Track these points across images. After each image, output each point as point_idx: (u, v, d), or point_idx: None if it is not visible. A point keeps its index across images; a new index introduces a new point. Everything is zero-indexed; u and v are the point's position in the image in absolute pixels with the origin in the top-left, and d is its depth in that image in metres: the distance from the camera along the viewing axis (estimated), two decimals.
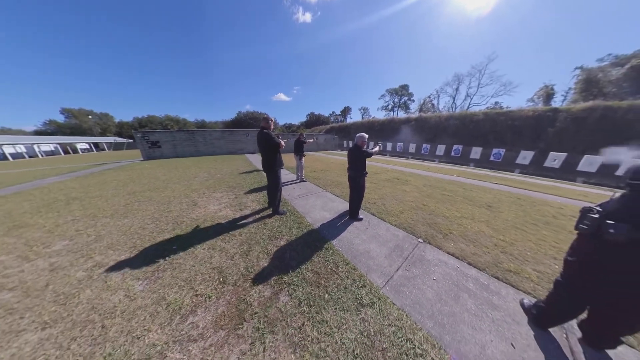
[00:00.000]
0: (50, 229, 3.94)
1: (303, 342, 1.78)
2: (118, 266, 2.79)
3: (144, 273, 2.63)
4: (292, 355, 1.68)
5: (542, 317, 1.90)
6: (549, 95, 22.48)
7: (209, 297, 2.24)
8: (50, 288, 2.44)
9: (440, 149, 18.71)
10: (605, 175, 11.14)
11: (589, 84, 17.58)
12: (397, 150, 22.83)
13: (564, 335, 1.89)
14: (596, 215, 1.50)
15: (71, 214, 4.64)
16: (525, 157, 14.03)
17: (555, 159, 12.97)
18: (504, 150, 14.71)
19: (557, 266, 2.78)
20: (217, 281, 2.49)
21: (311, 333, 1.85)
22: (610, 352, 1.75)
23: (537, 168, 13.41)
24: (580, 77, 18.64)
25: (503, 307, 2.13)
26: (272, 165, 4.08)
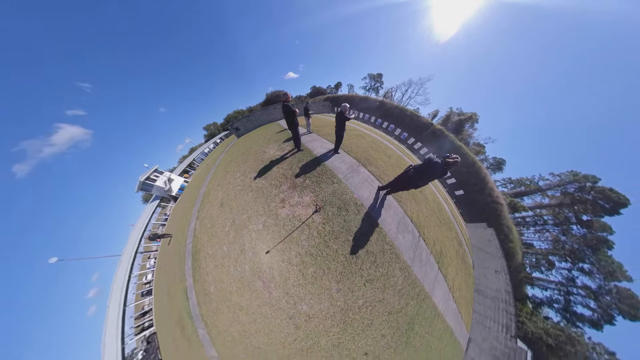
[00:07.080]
0: (234, 169, 4.97)
1: (315, 190, 3.26)
2: (257, 176, 4.00)
3: (263, 178, 3.86)
4: (311, 193, 3.16)
5: (381, 188, 3.33)
6: (435, 115, 22.21)
7: (283, 182, 3.58)
8: (253, 186, 3.78)
9: (385, 124, 18.21)
10: (425, 155, 13.05)
11: (447, 118, 19.37)
12: (365, 119, 21.87)
13: (380, 192, 3.36)
14: (410, 167, 2.49)
15: (234, 164, 5.32)
16: (411, 140, 14.43)
17: (408, 145, 12.91)
18: (407, 134, 15.40)
19: (392, 177, 3.69)
20: (283, 177, 3.68)
21: (317, 189, 3.31)
22: (388, 197, 3.25)
23: (411, 146, 14.46)
24: (446, 113, 19.78)
25: (373, 187, 3.54)
26: (293, 124, 3.81)
